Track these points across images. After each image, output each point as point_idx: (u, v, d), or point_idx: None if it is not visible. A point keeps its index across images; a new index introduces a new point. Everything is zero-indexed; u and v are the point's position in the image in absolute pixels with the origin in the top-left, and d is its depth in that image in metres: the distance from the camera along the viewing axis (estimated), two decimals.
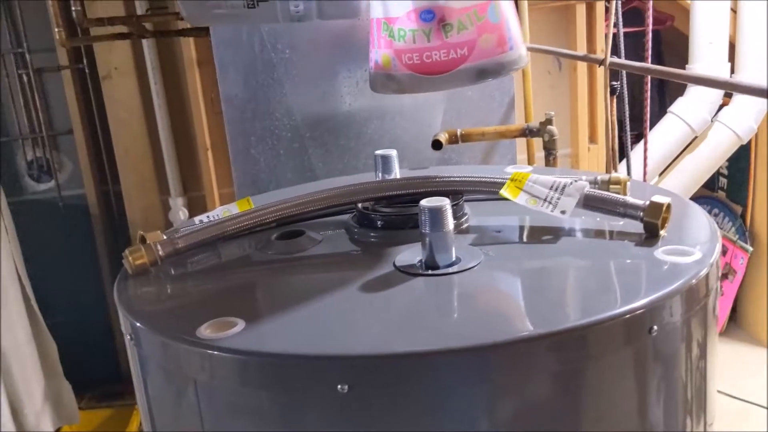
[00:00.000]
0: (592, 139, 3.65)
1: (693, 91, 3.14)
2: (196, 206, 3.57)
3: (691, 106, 3.13)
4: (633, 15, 3.53)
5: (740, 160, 3.62)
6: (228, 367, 0.91)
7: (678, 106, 3.18)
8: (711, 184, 3.77)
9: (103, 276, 3.71)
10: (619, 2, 1.66)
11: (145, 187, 3.56)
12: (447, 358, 0.87)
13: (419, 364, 0.87)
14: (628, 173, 2.60)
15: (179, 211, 3.52)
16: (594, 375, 0.94)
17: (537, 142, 2.64)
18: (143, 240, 1.20)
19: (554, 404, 0.93)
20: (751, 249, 3.63)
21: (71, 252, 3.69)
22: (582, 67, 3.51)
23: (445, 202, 1.03)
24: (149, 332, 1.00)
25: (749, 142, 3.40)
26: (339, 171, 2.17)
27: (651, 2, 1.84)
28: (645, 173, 2.42)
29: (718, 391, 1.17)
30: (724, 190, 3.90)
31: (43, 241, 3.58)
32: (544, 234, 1.17)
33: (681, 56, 3.43)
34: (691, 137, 3.13)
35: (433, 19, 1.15)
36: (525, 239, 1.19)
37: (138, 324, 1.01)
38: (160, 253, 1.16)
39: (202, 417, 0.96)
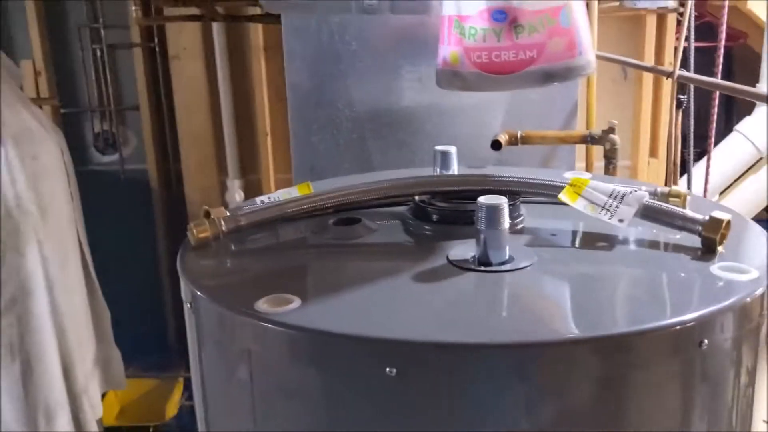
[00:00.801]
0: (653, 153, 3.59)
1: (762, 111, 3.08)
2: (252, 189, 3.64)
3: (759, 126, 3.06)
4: (705, 30, 3.47)
5: None
6: (282, 341, 0.95)
7: (745, 125, 3.12)
8: None
9: (158, 250, 3.82)
10: (692, 15, 1.64)
11: (204, 167, 3.64)
12: (492, 353, 0.89)
13: (465, 355, 0.89)
14: (688, 188, 2.56)
15: (236, 193, 3.60)
16: (637, 384, 0.94)
17: (597, 151, 2.63)
18: (207, 215, 1.24)
19: (594, 410, 0.94)
20: None
21: (129, 225, 3.80)
22: (648, 79, 3.46)
23: (503, 201, 1.05)
24: (209, 301, 1.04)
25: None
26: (395, 164, 2.19)
27: (725, 17, 1.82)
28: (705, 190, 2.38)
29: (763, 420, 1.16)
30: None
31: (103, 212, 3.69)
32: (599, 241, 1.18)
33: (752, 74, 3.36)
34: (756, 158, 3.07)
35: (505, 19, 1.16)
36: (579, 244, 1.20)
37: (198, 293, 1.06)
38: (223, 228, 1.20)
39: (253, 386, 1.00)
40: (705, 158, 2.82)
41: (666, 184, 2.02)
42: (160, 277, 3.85)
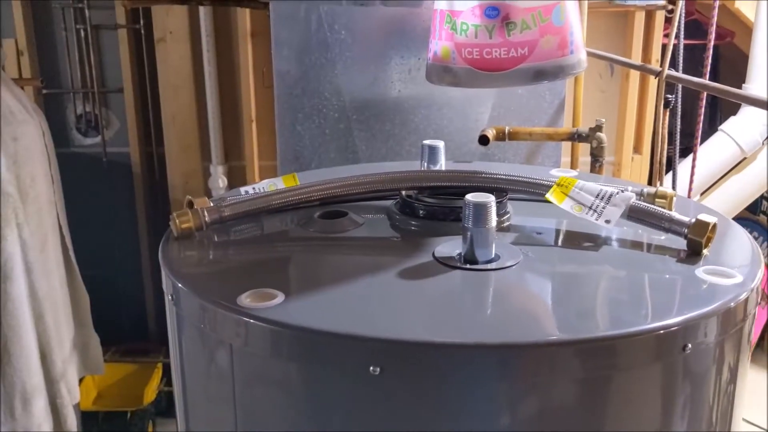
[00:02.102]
0: (637, 149, 3.61)
1: (747, 112, 3.09)
2: (236, 175, 3.62)
3: (743, 127, 3.08)
4: (693, 27, 3.47)
5: None
6: (264, 337, 0.94)
7: (729, 125, 3.13)
8: (753, 207, 3.71)
9: (139, 235, 3.78)
10: (683, 13, 1.64)
11: (187, 152, 3.61)
12: (477, 353, 0.88)
13: (450, 354, 0.88)
14: (673, 187, 2.58)
15: (219, 179, 3.57)
16: (619, 387, 0.94)
17: (583, 148, 2.63)
18: (190, 204, 1.23)
19: (576, 410, 0.94)
20: None
21: (110, 208, 3.76)
22: (634, 75, 3.46)
23: (491, 199, 1.04)
24: (190, 294, 1.02)
25: None
26: (382, 156, 2.18)
27: (715, 17, 1.82)
28: (690, 189, 2.40)
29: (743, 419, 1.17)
30: (766, 214, 3.84)
31: (83, 195, 3.65)
32: (584, 240, 1.18)
33: (738, 74, 3.37)
34: (740, 158, 3.09)
35: (497, 16, 1.15)
36: (565, 244, 1.20)
37: (180, 285, 1.04)
38: (206, 219, 1.19)
39: (234, 381, 0.99)
40: (689, 157, 2.84)
41: (650, 183, 2.03)
42: (140, 262, 3.82)
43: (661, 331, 0.90)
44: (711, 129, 3.86)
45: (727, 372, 1.02)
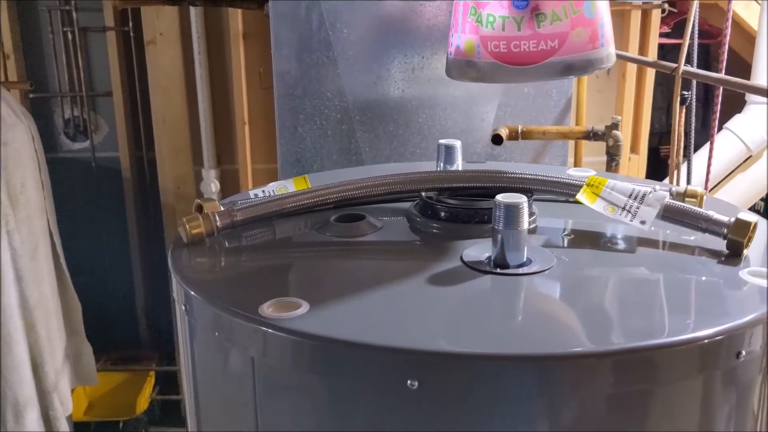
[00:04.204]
0: (634, 149, 3.58)
1: (752, 110, 3.06)
2: (229, 179, 3.55)
3: (749, 124, 3.05)
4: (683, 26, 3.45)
5: None
6: (289, 349, 0.88)
7: (735, 123, 3.10)
8: (751, 209, 3.70)
9: (130, 241, 3.70)
10: (697, 11, 1.60)
11: (179, 156, 3.54)
12: (514, 364, 0.83)
13: (486, 366, 0.83)
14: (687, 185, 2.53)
15: (211, 183, 3.51)
16: (658, 402, 0.89)
17: (586, 148, 2.59)
18: (200, 209, 1.16)
19: (616, 424, 0.89)
20: None
21: (100, 214, 3.69)
22: (631, 75, 3.44)
23: (523, 200, 0.99)
24: (206, 304, 0.96)
25: None
26: (385, 158, 2.13)
27: (731, 12, 1.78)
28: (706, 188, 2.36)
29: None
30: (764, 216, 3.82)
31: (73, 200, 3.58)
32: (617, 242, 1.13)
33: (731, 72, 3.35)
34: (746, 155, 3.06)
35: (526, 6, 1.10)
36: (598, 246, 1.14)
37: (194, 294, 0.98)
38: (218, 224, 1.13)
39: (256, 398, 0.93)
40: (695, 155, 2.80)
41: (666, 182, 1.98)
42: (131, 268, 3.74)
43: (707, 341, 0.85)
44: (704, 128, 3.84)
45: None
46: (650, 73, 3.45)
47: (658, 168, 3.88)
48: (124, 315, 3.73)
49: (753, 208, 3.82)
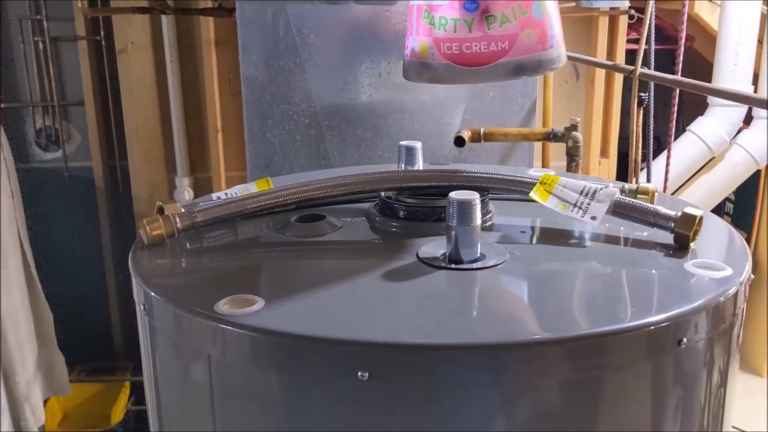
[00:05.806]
0: (604, 153, 3.63)
1: (714, 111, 3.12)
2: (202, 187, 3.55)
3: (711, 126, 3.10)
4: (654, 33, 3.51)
5: (749, 186, 3.60)
6: (245, 345, 0.89)
7: (697, 125, 3.16)
8: (717, 208, 3.76)
9: (103, 251, 3.69)
10: (653, 16, 1.64)
11: (152, 165, 3.53)
12: (466, 354, 0.85)
13: (439, 357, 0.85)
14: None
15: (185, 191, 3.50)
16: (610, 387, 0.92)
17: (554, 151, 2.63)
18: (161, 211, 1.17)
19: (568, 410, 0.91)
20: (752, 276, 3.60)
21: (73, 224, 3.67)
22: (600, 80, 3.49)
23: (475, 196, 1.01)
24: (164, 303, 0.97)
25: (758, 170, 3.39)
26: (354, 161, 2.15)
27: (685, 15, 1.82)
28: (665, 188, 2.40)
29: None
30: (730, 215, 3.88)
31: (45, 211, 3.56)
32: (569, 237, 1.15)
33: (698, 78, 3.42)
34: (709, 157, 3.11)
35: (476, 9, 1.13)
36: (550, 241, 1.17)
37: (153, 294, 0.99)
38: (178, 225, 1.14)
39: (213, 393, 0.94)
40: (659, 157, 2.86)
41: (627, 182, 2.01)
42: (104, 278, 3.72)
43: (657, 326, 0.88)
44: (663, 129, 3.91)
45: (717, 373, 1.00)
46: (619, 78, 3.51)
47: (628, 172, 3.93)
48: (98, 325, 3.70)
49: (721, 209, 3.89)
